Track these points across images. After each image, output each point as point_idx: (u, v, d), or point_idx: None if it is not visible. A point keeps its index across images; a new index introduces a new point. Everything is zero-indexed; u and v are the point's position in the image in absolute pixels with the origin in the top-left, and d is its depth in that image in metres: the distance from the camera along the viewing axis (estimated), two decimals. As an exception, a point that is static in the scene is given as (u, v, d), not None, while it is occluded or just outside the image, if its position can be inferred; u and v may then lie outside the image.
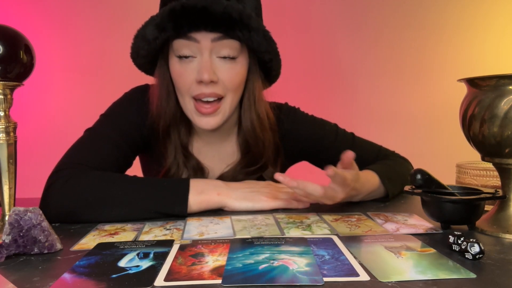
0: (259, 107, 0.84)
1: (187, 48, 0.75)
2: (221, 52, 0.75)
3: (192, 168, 0.85)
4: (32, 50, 0.63)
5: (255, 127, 0.84)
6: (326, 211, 0.74)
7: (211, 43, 0.74)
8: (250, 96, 0.83)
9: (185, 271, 0.46)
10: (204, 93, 0.75)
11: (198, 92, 0.76)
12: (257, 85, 0.83)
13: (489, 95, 0.59)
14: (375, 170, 0.83)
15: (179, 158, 0.84)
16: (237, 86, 0.79)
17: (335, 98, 1.90)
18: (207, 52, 0.74)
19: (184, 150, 0.85)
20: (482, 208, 0.62)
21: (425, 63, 1.91)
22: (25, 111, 1.80)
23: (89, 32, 1.83)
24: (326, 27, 1.91)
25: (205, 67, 0.74)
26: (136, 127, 0.84)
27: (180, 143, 0.84)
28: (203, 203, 0.72)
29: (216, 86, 0.76)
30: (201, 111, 0.77)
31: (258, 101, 0.84)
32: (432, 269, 0.46)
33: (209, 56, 0.75)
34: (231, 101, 0.79)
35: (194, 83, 0.76)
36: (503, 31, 1.87)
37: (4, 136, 0.61)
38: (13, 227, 0.52)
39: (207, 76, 0.73)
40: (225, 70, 0.76)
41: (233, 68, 0.77)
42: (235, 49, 0.76)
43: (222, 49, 0.75)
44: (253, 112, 0.83)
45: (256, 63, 0.82)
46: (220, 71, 0.76)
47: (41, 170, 0.81)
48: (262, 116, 0.84)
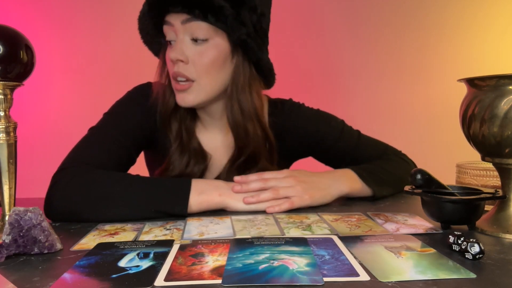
0: (242, 95, 0.83)
1: (169, 33, 0.80)
2: (192, 34, 0.78)
3: (194, 152, 0.86)
4: (32, 50, 0.63)
5: (235, 115, 0.84)
6: (326, 211, 0.74)
7: (181, 25, 0.78)
8: (232, 84, 0.84)
9: (185, 271, 0.46)
10: (175, 72, 0.79)
11: (172, 71, 0.80)
12: (241, 72, 0.83)
13: (489, 95, 0.59)
14: (353, 168, 0.84)
15: (184, 140, 0.86)
16: (207, 67, 0.79)
17: (334, 98, 1.90)
18: (180, 35, 0.79)
19: (188, 132, 0.87)
20: (482, 208, 0.62)
21: (425, 63, 1.91)
22: (25, 111, 1.80)
23: (89, 32, 1.83)
24: (325, 26, 1.91)
25: (174, 47, 0.79)
26: (138, 125, 0.85)
27: (185, 127, 0.87)
28: (204, 203, 0.72)
29: (186, 67, 0.79)
30: (175, 87, 0.81)
31: (242, 89, 0.83)
32: (432, 269, 0.46)
33: (181, 37, 0.79)
34: (205, 83, 0.81)
35: (171, 64, 0.80)
36: (503, 31, 1.87)
37: (4, 136, 0.61)
38: (13, 227, 0.52)
39: (173, 54, 0.78)
40: (196, 52, 0.79)
41: (204, 51, 0.79)
42: (204, 30, 0.78)
43: (193, 31, 0.78)
44: (234, 100, 0.84)
45: (239, 51, 0.82)
46: (190, 53, 0.79)
47: (42, 170, 0.81)
48: (244, 105, 0.84)
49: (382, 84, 1.92)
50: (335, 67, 1.93)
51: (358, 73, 1.93)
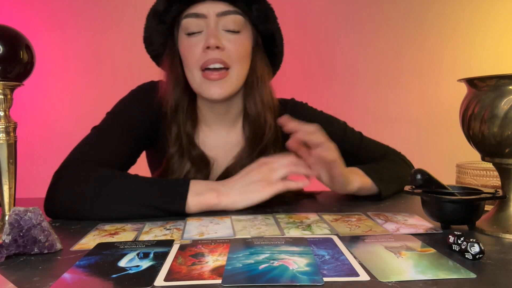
0: (263, 88, 0.85)
1: (196, 24, 0.79)
2: (226, 26, 0.79)
3: (197, 159, 0.85)
4: (32, 50, 0.63)
5: (258, 108, 0.85)
6: (326, 211, 0.74)
7: (216, 17, 0.78)
8: (253, 76, 0.85)
9: (185, 271, 0.46)
10: (211, 59, 0.78)
11: (205, 59, 0.78)
12: (260, 65, 0.85)
13: (489, 95, 0.59)
14: (360, 167, 0.84)
15: (184, 146, 0.84)
16: (242, 56, 0.81)
17: (333, 98, 1.89)
18: (213, 24, 0.78)
19: (189, 139, 0.86)
20: (482, 208, 0.62)
21: (425, 63, 1.91)
22: (25, 111, 1.80)
23: (89, 32, 1.83)
24: (324, 26, 1.91)
25: (211, 33, 0.78)
26: (140, 124, 0.85)
27: (186, 133, 0.85)
28: (203, 205, 0.72)
29: (223, 53, 0.78)
30: (209, 77, 0.79)
31: (261, 83, 0.85)
32: (432, 269, 0.46)
33: (215, 27, 0.78)
34: (238, 72, 0.81)
35: (201, 53, 0.79)
36: (503, 31, 1.87)
37: (4, 136, 0.61)
38: (13, 227, 0.52)
39: (213, 40, 0.77)
40: (231, 40, 0.79)
41: (238, 39, 0.80)
42: (238, 23, 0.79)
43: (227, 23, 0.79)
44: (255, 91, 0.85)
45: (260, 43, 0.85)
46: (225, 41, 0.79)
47: (41, 170, 0.81)
48: (264, 98, 0.85)
49: (381, 84, 1.92)
50: (333, 67, 1.93)
51: (357, 73, 1.93)
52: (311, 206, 0.80)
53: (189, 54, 0.80)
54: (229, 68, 0.79)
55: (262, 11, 0.80)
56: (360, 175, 0.82)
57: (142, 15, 0.81)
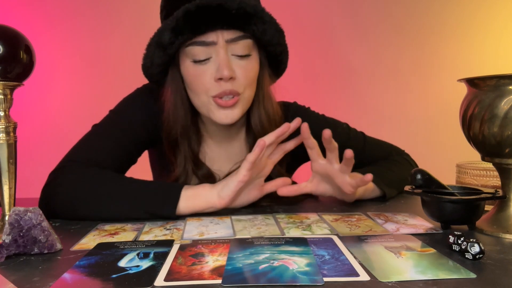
0: (268, 103, 0.84)
1: (203, 52, 0.75)
2: (235, 51, 0.76)
3: (203, 177, 0.84)
4: (32, 50, 0.63)
5: (263, 123, 0.84)
6: (326, 211, 0.74)
7: (225, 43, 0.74)
8: (259, 92, 0.84)
9: (185, 271, 0.46)
10: (225, 91, 0.75)
11: (218, 91, 0.75)
12: (266, 81, 0.84)
13: (489, 95, 0.59)
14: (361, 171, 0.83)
15: (189, 167, 0.83)
16: (252, 81, 0.80)
17: (333, 98, 1.90)
18: (223, 51, 0.74)
19: (195, 158, 0.84)
20: (482, 208, 0.62)
21: (425, 63, 1.91)
22: (25, 111, 1.80)
23: (89, 32, 1.83)
24: (324, 27, 1.91)
25: (224, 64, 0.74)
26: (142, 124, 0.84)
27: (191, 152, 0.84)
28: (195, 207, 0.71)
29: (234, 83, 0.76)
30: (220, 104, 0.76)
31: (267, 97, 0.84)
32: (432, 269, 0.46)
33: (225, 54, 0.74)
34: (248, 96, 0.80)
35: (212, 82, 0.75)
36: (503, 31, 1.87)
37: (4, 136, 0.61)
38: (13, 227, 0.52)
39: (227, 72, 0.73)
40: (241, 67, 0.77)
41: (248, 64, 0.77)
42: (249, 47, 0.77)
43: (237, 49, 0.75)
44: (261, 108, 0.84)
45: (265, 58, 0.83)
46: (236, 68, 0.76)
47: (41, 170, 0.81)
48: (270, 111, 0.84)
49: (381, 84, 1.93)
50: (333, 67, 1.93)
51: (357, 73, 1.93)
52: (311, 206, 0.80)
53: (197, 81, 0.77)
54: (240, 95, 0.78)
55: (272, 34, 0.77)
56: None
57: (142, 15, 0.81)
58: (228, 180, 0.72)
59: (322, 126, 0.92)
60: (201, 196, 0.71)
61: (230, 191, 0.71)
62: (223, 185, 0.72)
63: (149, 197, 0.70)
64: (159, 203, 0.69)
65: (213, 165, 0.87)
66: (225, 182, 0.73)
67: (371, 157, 0.93)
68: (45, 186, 0.74)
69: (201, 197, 0.71)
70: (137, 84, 0.91)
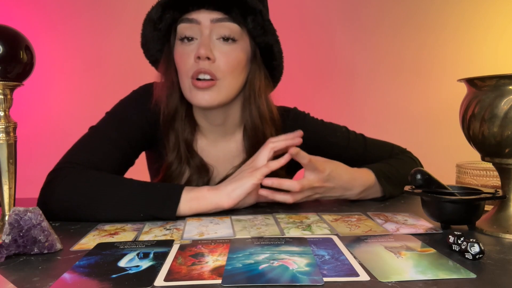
0: (259, 99, 0.84)
1: (189, 29, 0.78)
2: (221, 33, 0.77)
3: (196, 167, 0.84)
4: (32, 50, 0.63)
5: (254, 120, 0.84)
6: (326, 211, 0.74)
7: (210, 23, 0.77)
8: (250, 89, 0.84)
9: (185, 271, 0.46)
10: (200, 69, 0.76)
11: (195, 69, 0.77)
12: (258, 78, 0.84)
13: (489, 95, 0.59)
14: (373, 168, 0.83)
15: (182, 154, 0.84)
16: (233, 68, 0.79)
17: (332, 98, 1.90)
18: (207, 32, 0.77)
19: (188, 146, 0.85)
20: (482, 208, 0.62)
21: (425, 63, 1.91)
22: (25, 111, 1.80)
23: (89, 32, 1.83)
24: (323, 26, 1.91)
25: (203, 43, 0.76)
26: (138, 126, 0.84)
27: (184, 140, 0.84)
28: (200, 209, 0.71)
29: (213, 65, 0.77)
30: (196, 85, 0.78)
31: (258, 94, 0.84)
32: (432, 269, 0.46)
33: (208, 35, 0.77)
34: (228, 84, 0.79)
35: (192, 63, 0.78)
36: (503, 31, 1.87)
37: (4, 136, 0.61)
38: (13, 227, 0.52)
39: (203, 51, 0.75)
40: (223, 52, 0.78)
41: (231, 51, 0.78)
42: (234, 31, 0.78)
43: (222, 30, 0.77)
44: (252, 105, 0.84)
45: (258, 55, 0.83)
46: (218, 51, 0.78)
47: (41, 170, 0.81)
48: (262, 109, 0.84)
49: (381, 84, 1.92)
50: (333, 67, 1.93)
51: (357, 74, 1.93)
52: (311, 206, 0.80)
53: (181, 62, 0.79)
54: (217, 80, 0.78)
55: (258, 22, 0.78)
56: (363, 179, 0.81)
57: (142, 15, 0.81)
58: (238, 181, 0.73)
59: (321, 132, 0.92)
60: (206, 199, 0.71)
61: (242, 192, 0.72)
62: (234, 187, 0.72)
63: (148, 199, 0.70)
64: (159, 205, 0.69)
65: (209, 161, 0.87)
66: (235, 184, 0.73)
67: (374, 158, 0.92)
68: (43, 188, 0.73)
69: (206, 200, 0.71)
70: (137, 84, 0.91)
